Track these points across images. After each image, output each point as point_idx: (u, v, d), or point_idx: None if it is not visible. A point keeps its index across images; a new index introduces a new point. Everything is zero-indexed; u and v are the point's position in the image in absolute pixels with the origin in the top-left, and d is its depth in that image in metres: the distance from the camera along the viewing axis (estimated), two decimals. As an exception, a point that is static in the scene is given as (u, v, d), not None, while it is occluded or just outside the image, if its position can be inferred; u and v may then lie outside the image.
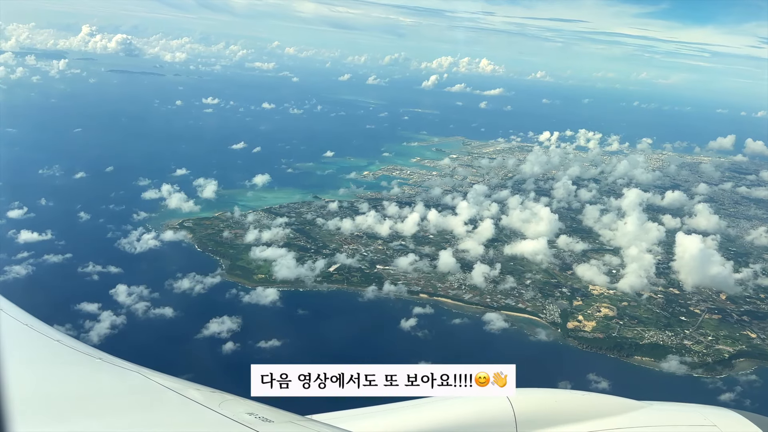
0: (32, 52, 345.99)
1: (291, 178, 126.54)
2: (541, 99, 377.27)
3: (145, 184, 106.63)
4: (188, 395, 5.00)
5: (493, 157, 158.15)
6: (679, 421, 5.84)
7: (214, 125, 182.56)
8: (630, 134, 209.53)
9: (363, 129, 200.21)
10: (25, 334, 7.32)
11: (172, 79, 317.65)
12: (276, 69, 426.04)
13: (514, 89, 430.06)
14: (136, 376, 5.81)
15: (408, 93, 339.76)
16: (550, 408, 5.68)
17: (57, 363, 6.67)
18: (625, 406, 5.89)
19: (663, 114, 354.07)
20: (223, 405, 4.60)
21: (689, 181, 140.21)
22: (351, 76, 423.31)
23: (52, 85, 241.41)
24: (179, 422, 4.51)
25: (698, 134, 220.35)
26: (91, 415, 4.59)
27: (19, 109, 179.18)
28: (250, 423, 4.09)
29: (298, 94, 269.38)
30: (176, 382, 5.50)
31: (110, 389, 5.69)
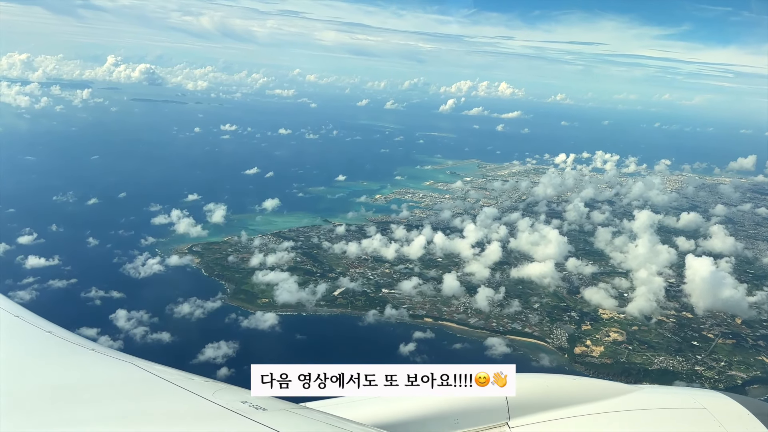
0: (58, 83, 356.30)
1: (301, 202, 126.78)
2: (560, 121, 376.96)
3: (155, 210, 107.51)
4: (182, 384, 5.02)
5: (507, 180, 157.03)
6: (670, 404, 5.85)
7: (229, 151, 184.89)
8: (648, 156, 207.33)
9: (377, 153, 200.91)
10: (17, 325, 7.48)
11: (193, 107, 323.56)
12: (295, 96, 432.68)
13: (533, 112, 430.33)
14: (128, 366, 5.85)
15: (425, 117, 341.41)
16: (541, 392, 5.69)
17: (49, 354, 6.72)
18: (616, 390, 5.94)
19: (684, 135, 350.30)
20: (217, 394, 4.62)
21: (707, 203, 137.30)
22: (369, 101, 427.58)
23: (74, 114, 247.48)
24: (173, 411, 4.49)
25: (719, 155, 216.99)
26: (84, 404, 4.58)
27: (40, 137, 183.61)
28: (244, 411, 4.09)
29: (315, 120, 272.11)
30: (169, 372, 5.54)
31: (103, 379, 5.68)
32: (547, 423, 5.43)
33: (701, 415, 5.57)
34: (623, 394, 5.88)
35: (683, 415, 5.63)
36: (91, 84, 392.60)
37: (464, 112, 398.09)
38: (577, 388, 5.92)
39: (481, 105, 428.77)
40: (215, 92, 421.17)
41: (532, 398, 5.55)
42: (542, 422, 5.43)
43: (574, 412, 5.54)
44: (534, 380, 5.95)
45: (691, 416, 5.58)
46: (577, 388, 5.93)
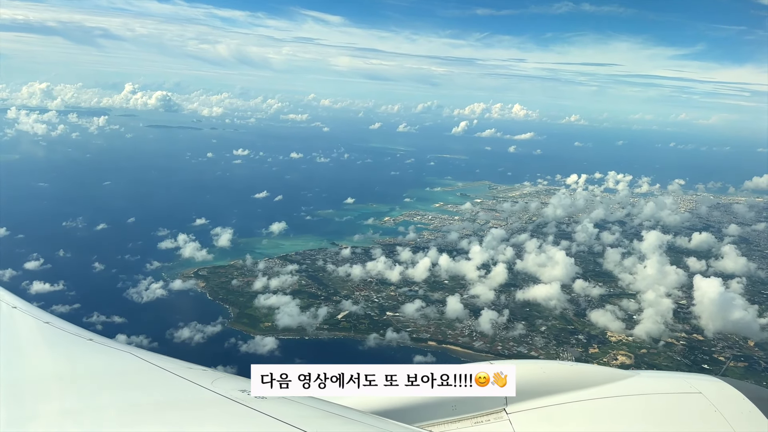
0: (76, 110, 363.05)
1: (309, 225, 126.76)
2: (573, 142, 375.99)
3: (163, 234, 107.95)
4: (181, 374, 5.04)
5: (517, 201, 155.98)
6: (666, 389, 5.85)
7: (240, 175, 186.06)
8: (662, 176, 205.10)
9: (387, 175, 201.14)
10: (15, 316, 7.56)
11: (208, 132, 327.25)
12: (309, 120, 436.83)
13: (546, 133, 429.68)
14: (127, 356, 5.90)
15: (437, 139, 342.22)
16: (538, 379, 5.70)
17: (47, 344, 6.78)
18: (613, 376, 5.95)
19: (700, 155, 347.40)
20: (216, 383, 4.63)
21: (721, 222, 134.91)
22: (382, 124, 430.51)
23: (89, 141, 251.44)
24: (173, 400, 4.51)
25: (735, 174, 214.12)
26: (83, 393, 4.62)
27: (54, 164, 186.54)
28: (243, 399, 4.12)
29: (327, 144, 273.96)
30: (168, 362, 5.58)
31: (102, 368, 5.69)
32: (544, 409, 5.44)
33: (697, 400, 5.58)
34: (620, 380, 5.88)
35: (679, 399, 5.64)
36: (108, 111, 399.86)
37: (477, 134, 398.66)
38: (574, 374, 5.91)
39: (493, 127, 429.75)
40: (230, 118, 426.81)
41: (530, 384, 5.52)
42: (539, 408, 5.44)
43: (571, 398, 5.54)
44: (531, 366, 5.94)
45: (687, 401, 5.59)
46: (574, 374, 5.93)
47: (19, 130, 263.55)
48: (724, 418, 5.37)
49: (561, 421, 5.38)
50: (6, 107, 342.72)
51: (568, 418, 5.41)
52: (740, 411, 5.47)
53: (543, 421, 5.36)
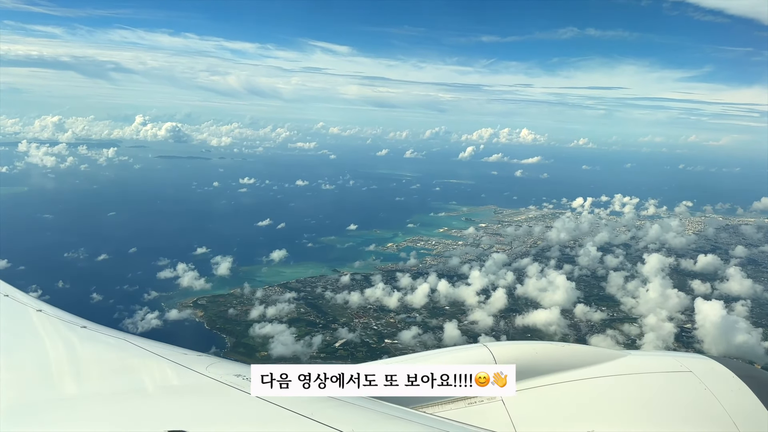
0: (86, 143, 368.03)
1: (310, 252, 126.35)
2: (581, 166, 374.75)
3: (163, 264, 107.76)
4: (175, 359, 5.01)
5: (521, 225, 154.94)
6: (656, 368, 5.90)
7: (245, 204, 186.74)
8: (670, 198, 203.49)
9: (392, 201, 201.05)
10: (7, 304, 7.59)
11: (217, 162, 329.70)
12: (316, 148, 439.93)
13: (554, 157, 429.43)
14: (121, 343, 5.88)
15: (444, 165, 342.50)
16: (530, 359, 5.69)
17: (40, 331, 6.74)
18: (604, 356, 5.97)
19: (709, 176, 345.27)
20: (211, 368, 4.62)
21: (728, 244, 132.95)
22: (389, 151, 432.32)
23: (98, 172, 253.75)
24: (168, 386, 4.50)
25: (744, 195, 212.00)
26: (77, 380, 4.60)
27: (61, 195, 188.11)
28: (238, 384, 4.11)
29: (334, 171, 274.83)
30: (162, 348, 5.55)
31: (96, 356, 5.64)
32: (536, 389, 5.47)
33: (687, 378, 5.64)
34: (611, 360, 5.91)
35: (669, 378, 5.69)
36: (119, 143, 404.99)
37: (483, 158, 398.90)
38: (566, 355, 5.92)
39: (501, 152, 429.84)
40: (238, 147, 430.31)
41: (522, 365, 5.43)
42: (531, 388, 5.47)
43: (563, 378, 5.57)
44: (523, 347, 5.97)
45: (677, 379, 5.64)
46: (566, 354, 5.94)
47: (28, 163, 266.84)
48: (714, 395, 5.40)
49: (553, 400, 5.41)
50: (17, 140, 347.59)
51: (561, 398, 5.43)
52: (729, 389, 5.51)
53: (535, 401, 5.38)
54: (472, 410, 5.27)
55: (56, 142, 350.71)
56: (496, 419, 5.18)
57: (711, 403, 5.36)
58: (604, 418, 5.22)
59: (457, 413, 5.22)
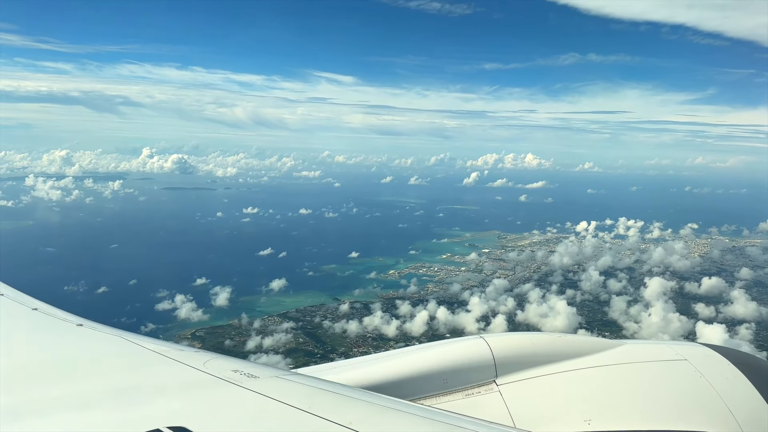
0: (92, 176, 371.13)
1: (310, 281, 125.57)
2: (586, 189, 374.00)
3: (162, 296, 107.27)
4: (172, 356, 5.00)
5: (523, 250, 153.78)
6: (652, 357, 5.80)
7: (247, 233, 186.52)
8: (675, 220, 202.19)
9: (395, 228, 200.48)
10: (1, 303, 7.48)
11: (222, 192, 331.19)
12: (321, 176, 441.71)
13: (559, 181, 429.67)
14: (118, 340, 5.89)
15: (448, 191, 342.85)
16: (527, 350, 5.63)
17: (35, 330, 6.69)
18: (601, 345, 5.91)
19: (715, 198, 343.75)
20: (208, 364, 4.59)
21: (733, 266, 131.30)
22: (393, 178, 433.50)
23: (103, 205, 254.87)
24: (164, 382, 4.41)
25: (750, 216, 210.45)
26: (73, 379, 4.50)
27: (65, 229, 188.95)
28: (236, 379, 4.07)
29: (337, 199, 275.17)
30: (159, 344, 5.55)
31: (92, 353, 5.62)
32: (533, 379, 5.46)
33: (682, 367, 5.62)
34: (608, 349, 5.85)
35: (664, 367, 5.66)
36: (126, 175, 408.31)
37: (488, 184, 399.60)
38: (563, 345, 5.84)
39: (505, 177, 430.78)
40: (244, 177, 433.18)
41: (518, 356, 5.54)
42: (528, 379, 5.46)
43: (560, 368, 5.55)
44: (520, 338, 5.90)
45: (673, 368, 5.63)
46: (563, 344, 5.85)
47: (34, 197, 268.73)
48: (710, 383, 5.39)
49: (550, 390, 5.37)
50: (25, 175, 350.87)
51: (558, 388, 5.40)
52: (725, 376, 5.49)
53: (532, 391, 5.37)
54: (470, 401, 5.27)
55: (63, 175, 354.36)
56: (493, 410, 5.17)
57: (707, 391, 5.36)
58: (600, 408, 5.19)
59: (455, 404, 5.20)
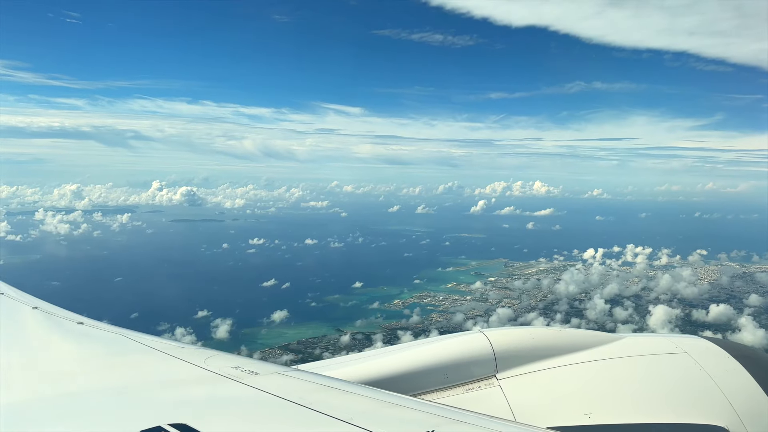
0: (102, 209, 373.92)
1: (313, 311, 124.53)
2: (595, 217, 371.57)
3: (162, 329, 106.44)
4: (173, 353, 5.02)
5: (528, 278, 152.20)
6: (652, 351, 5.83)
7: (252, 265, 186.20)
8: (684, 247, 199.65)
9: (400, 257, 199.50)
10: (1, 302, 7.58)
11: (230, 224, 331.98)
12: (328, 206, 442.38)
13: (567, 209, 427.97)
14: (118, 338, 5.92)
15: (455, 219, 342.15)
16: (527, 344, 5.64)
17: (36, 328, 6.78)
18: (601, 339, 5.92)
19: (725, 223, 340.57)
20: (209, 361, 4.62)
21: (742, 293, 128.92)
22: (400, 207, 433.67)
23: (110, 238, 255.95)
24: (165, 379, 4.45)
25: (760, 241, 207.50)
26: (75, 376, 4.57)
27: (71, 262, 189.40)
28: (237, 376, 4.10)
29: (344, 228, 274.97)
30: (160, 342, 5.59)
31: (92, 351, 5.67)
32: (534, 374, 5.46)
33: (682, 360, 5.63)
34: (608, 343, 5.87)
35: (664, 360, 5.66)
36: (135, 209, 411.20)
37: (495, 212, 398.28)
38: (563, 339, 5.86)
39: (513, 205, 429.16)
40: (251, 209, 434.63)
41: (518, 350, 5.54)
42: (528, 373, 5.47)
43: (560, 362, 5.56)
44: (520, 333, 5.91)
45: (672, 361, 5.64)
46: (563, 338, 5.88)
47: (43, 231, 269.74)
48: (710, 376, 5.37)
49: (551, 384, 5.37)
50: (35, 209, 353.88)
51: (558, 382, 5.40)
52: (725, 369, 5.50)
53: (533, 385, 5.36)
54: (470, 396, 5.25)
55: (73, 209, 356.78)
56: (494, 405, 5.14)
57: (706, 384, 5.33)
58: (600, 401, 5.18)
59: (456, 399, 5.19)
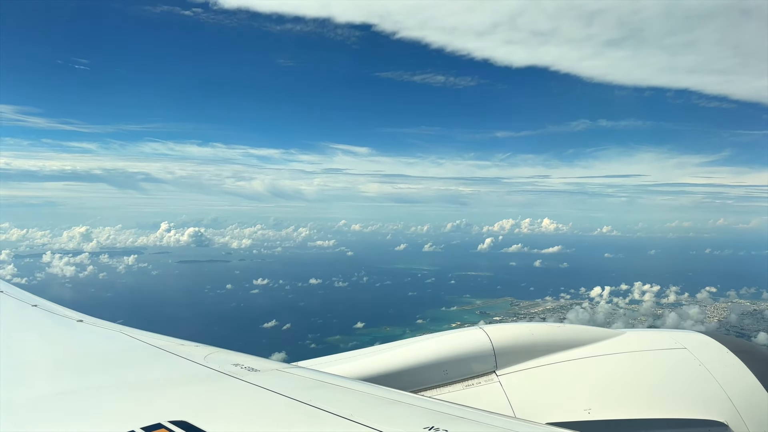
0: (109, 251, 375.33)
1: (312, 353, 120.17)
2: (603, 254, 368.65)
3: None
4: (173, 350, 5.05)
5: (533, 317, 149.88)
6: (651, 346, 5.79)
7: (255, 305, 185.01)
8: (693, 284, 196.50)
9: (405, 296, 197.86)
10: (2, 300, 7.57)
11: (236, 264, 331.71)
12: (335, 245, 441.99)
13: (576, 246, 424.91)
14: (118, 335, 5.91)
15: (462, 257, 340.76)
16: (527, 340, 5.64)
17: (36, 326, 6.72)
18: (601, 335, 5.91)
19: (736, 260, 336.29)
20: (209, 358, 4.63)
21: (751, 330, 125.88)
22: (407, 245, 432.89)
23: (115, 280, 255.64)
24: (165, 376, 4.42)
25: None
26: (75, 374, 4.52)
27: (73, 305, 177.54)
28: (236, 373, 4.10)
29: (349, 267, 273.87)
30: (159, 339, 5.60)
31: (92, 349, 5.65)
32: (533, 370, 5.48)
33: (681, 355, 5.62)
34: (607, 339, 5.82)
35: (664, 355, 5.65)
36: (143, 250, 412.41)
37: (503, 249, 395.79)
38: (563, 335, 5.78)
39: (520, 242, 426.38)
40: (258, 249, 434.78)
41: (518, 346, 5.54)
42: (528, 369, 5.48)
43: (560, 358, 5.56)
44: (519, 329, 5.86)
45: (672, 356, 5.63)
46: (563, 334, 5.79)
47: (49, 274, 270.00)
48: (709, 371, 5.39)
49: (550, 380, 5.37)
50: (43, 252, 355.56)
51: (558, 378, 5.39)
52: (724, 364, 5.49)
53: (532, 381, 5.37)
54: (470, 392, 5.24)
55: (80, 251, 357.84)
56: (493, 401, 5.15)
57: (706, 380, 5.34)
58: (600, 397, 5.18)
59: (455, 395, 5.18)
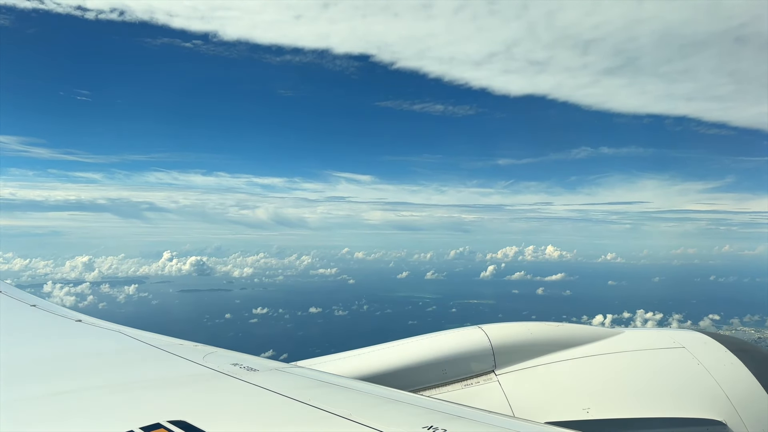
0: (110, 281, 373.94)
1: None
2: (607, 281, 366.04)
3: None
4: (171, 350, 5.05)
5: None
6: (650, 345, 5.87)
7: (252, 335, 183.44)
8: (696, 311, 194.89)
9: (404, 326, 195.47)
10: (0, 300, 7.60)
11: (237, 293, 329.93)
12: (336, 273, 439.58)
13: (579, 273, 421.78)
14: (117, 335, 5.90)
15: (464, 285, 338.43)
16: (526, 339, 5.71)
17: (34, 326, 6.68)
18: (599, 334, 5.98)
19: (741, 287, 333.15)
20: (207, 357, 4.65)
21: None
22: (409, 273, 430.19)
23: (114, 310, 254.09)
24: (164, 376, 4.42)
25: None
26: (74, 374, 4.50)
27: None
28: (235, 373, 4.14)
29: (350, 296, 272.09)
30: (158, 339, 5.61)
31: (91, 349, 5.64)
32: (532, 369, 5.51)
33: (680, 354, 5.67)
34: (606, 338, 5.90)
35: (662, 354, 5.71)
36: (144, 279, 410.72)
37: (506, 277, 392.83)
38: (561, 334, 5.86)
39: (525, 269, 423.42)
40: (259, 277, 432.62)
41: (517, 346, 5.59)
42: (527, 368, 5.51)
43: (558, 357, 5.60)
44: (518, 328, 5.92)
45: (670, 355, 5.68)
46: (561, 333, 5.87)
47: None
48: (707, 370, 5.42)
49: (549, 379, 5.40)
50: (44, 281, 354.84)
51: (556, 377, 5.42)
52: (722, 363, 5.51)
53: (531, 380, 5.40)
54: (469, 392, 5.26)
55: (82, 281, 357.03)
56: (492, 400, 5.14)
57: (704, 378, 5.34)
58: (599, 396, 5.17)
59: (454, 395, 5.18)
